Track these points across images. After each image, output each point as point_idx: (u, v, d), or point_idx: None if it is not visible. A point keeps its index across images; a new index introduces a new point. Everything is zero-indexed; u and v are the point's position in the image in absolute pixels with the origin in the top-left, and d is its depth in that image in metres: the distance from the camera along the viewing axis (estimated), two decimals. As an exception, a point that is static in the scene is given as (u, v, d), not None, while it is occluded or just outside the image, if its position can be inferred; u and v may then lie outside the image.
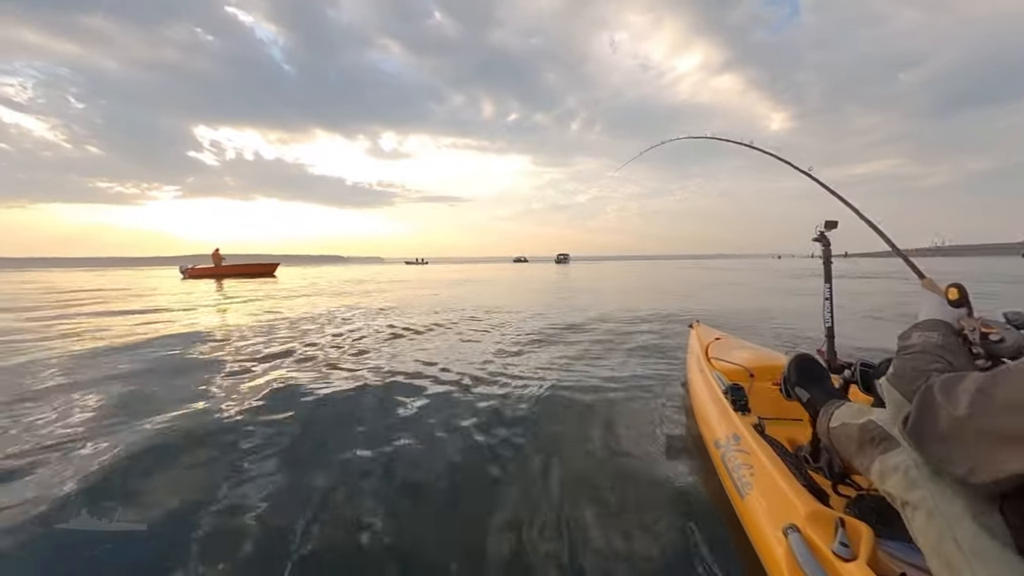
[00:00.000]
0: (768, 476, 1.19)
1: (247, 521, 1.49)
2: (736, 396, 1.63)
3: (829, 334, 1.86)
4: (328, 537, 1.41)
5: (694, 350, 2.58)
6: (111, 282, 18.58)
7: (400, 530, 1.45)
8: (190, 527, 1.46)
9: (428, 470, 1.84)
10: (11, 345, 4.61)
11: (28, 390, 3.00)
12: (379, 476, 1.79)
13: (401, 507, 1.58)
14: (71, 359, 3.93)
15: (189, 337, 4.96)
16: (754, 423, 1.48)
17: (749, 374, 2.03)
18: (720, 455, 1.47)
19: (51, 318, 6.87)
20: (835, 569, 0.83)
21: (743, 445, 1.38)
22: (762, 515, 1.10)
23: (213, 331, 5.41)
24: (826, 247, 1.86)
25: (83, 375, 3.38)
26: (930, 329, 0.95)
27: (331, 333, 5.15)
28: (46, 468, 1.86)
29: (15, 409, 2.62)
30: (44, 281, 20.18)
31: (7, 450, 2.04)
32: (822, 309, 1.85)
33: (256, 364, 3.64)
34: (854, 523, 0.91)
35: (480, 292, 11.45)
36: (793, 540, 0.92)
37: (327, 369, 3.45)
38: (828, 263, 1.82)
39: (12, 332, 5.49)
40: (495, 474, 1.81)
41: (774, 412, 1.79)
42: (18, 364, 3.76)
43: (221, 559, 1.32)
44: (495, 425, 2.28)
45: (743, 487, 1.23)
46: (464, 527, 1.47)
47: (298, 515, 1.51)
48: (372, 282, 17.09)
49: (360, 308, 7.85)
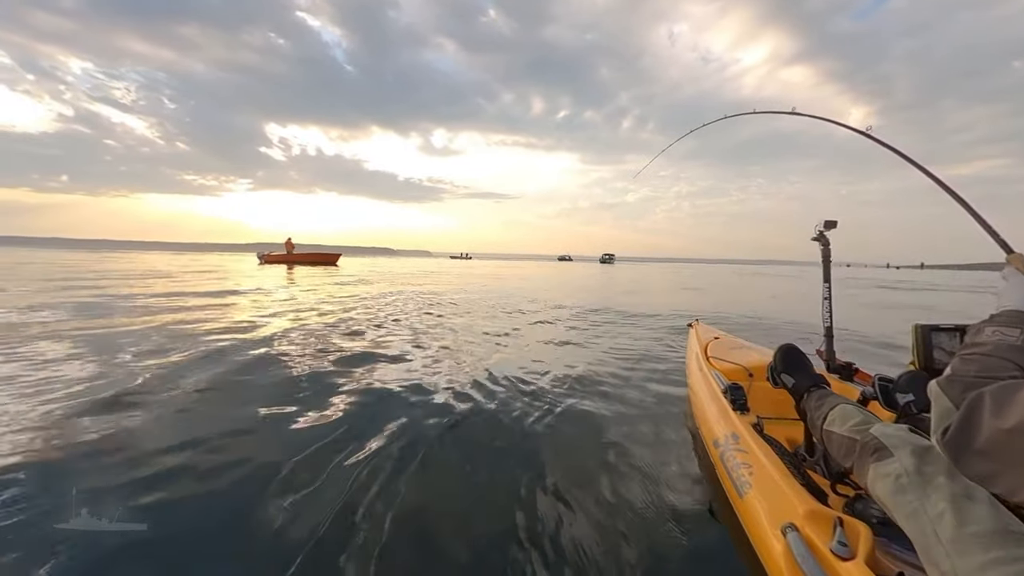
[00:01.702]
0: (767, 475, 1.19)
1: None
2: (735, 395, 1.63)
3: (828, 334, 1.86)
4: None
5: (693, 349, 2.58)
6: (210, 265, 20.26)
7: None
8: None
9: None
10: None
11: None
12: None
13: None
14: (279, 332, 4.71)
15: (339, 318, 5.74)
16: (753, 422, 1.48)
17: (748, 373, 2.03)
18: (719, 454, 1.47)
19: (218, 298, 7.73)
20: (833, 568, 0.83)
21: (742, 444, 1.38)
22: (761, 514, 1.11)
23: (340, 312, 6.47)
24: (825, 247, 1.86)
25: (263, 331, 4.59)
26: (1010, 324, 0.77)
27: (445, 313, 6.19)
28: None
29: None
30: (151, 263, 21.38)
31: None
32: (821, 309, 1.85)
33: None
34: (852, 522, 0.91)
35: (538, 286, 11.92)
36: (792, 539, 0.92)
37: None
38: (827, 262, 1.83)
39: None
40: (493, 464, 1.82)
41: (773, 411, 1.79)
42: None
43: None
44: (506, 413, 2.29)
45: (742, 486, 1.24)
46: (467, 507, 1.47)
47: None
48: (441, 274, 18.17)
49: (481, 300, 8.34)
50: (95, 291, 7.82)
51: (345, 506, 1.51)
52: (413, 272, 20.03)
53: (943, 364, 1.23)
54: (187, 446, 1.92)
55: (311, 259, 26.50)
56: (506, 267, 28.73)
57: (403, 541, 1.37)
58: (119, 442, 1.94)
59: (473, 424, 2.29)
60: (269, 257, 25.90)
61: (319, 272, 17.11)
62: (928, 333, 1.33)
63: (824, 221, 1.85)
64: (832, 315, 1.89)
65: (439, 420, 2.30)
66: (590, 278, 17.18)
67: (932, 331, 1.33)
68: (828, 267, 1.83)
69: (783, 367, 1.51)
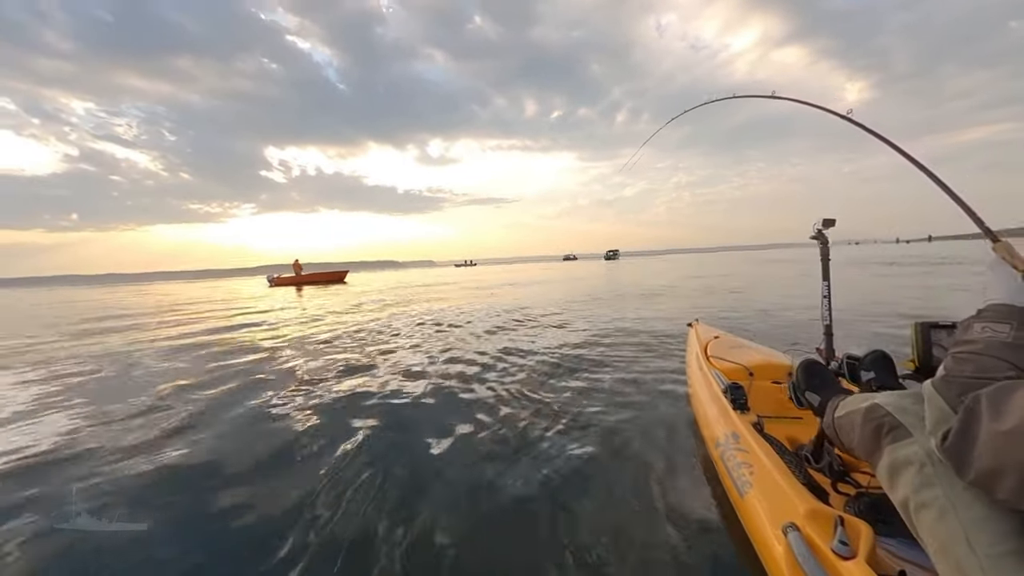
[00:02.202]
0: (767, 475, 1.18)
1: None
2: (735, 395, 1.62)
3: (827, 332, 1.85)
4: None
5: (693, 349, 2.58)
6: (221, 293, 20.03)
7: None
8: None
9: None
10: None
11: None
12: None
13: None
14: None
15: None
16: (753, 422, 1.47)
17: (748, 373, 2.03)
18: (719, 454, 1.47)
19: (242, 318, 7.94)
20: (834, 567, 0.83)
21: (742, 444, 1.38)
22: (761, 514, 1.10)
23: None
24: (824, 245, 1.86)
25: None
26: (998, 320, 0.73)
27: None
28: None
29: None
30: (172, 292, 22.35)
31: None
32: (820, 307, 1.85)
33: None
34: (853, 521, 0.91)
35: (547, 292, 11.44)
36: (792, 538, 0.92)
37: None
38: (826, 261, 1.82)
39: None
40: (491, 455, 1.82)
41: (773, 411, 1.79)
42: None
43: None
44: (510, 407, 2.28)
45: (742, 486, 1.23)
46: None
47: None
48: (448, 285, 17.37)
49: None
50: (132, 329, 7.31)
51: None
52: (417, 284, 19.30)
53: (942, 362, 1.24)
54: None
55: (319, 279, 26.70)
56: (509, 272, 28.17)
57: (417, 548, 1.37)
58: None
59: (477, 423, 2.29)
60: (279, 280, 26.19)
61: (330, 292, 16.40)
62: (927, 331, 1.33)
63: (822, 219, 1.84)
64: (831, 313, 1.89)
65: (439, 421, 2.29)
66: (597, 278, 16.38)
67: (931, 328, 1.33)
68: (827, 266, 1.82)
69: (807, 385, 1.39)
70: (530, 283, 15.45)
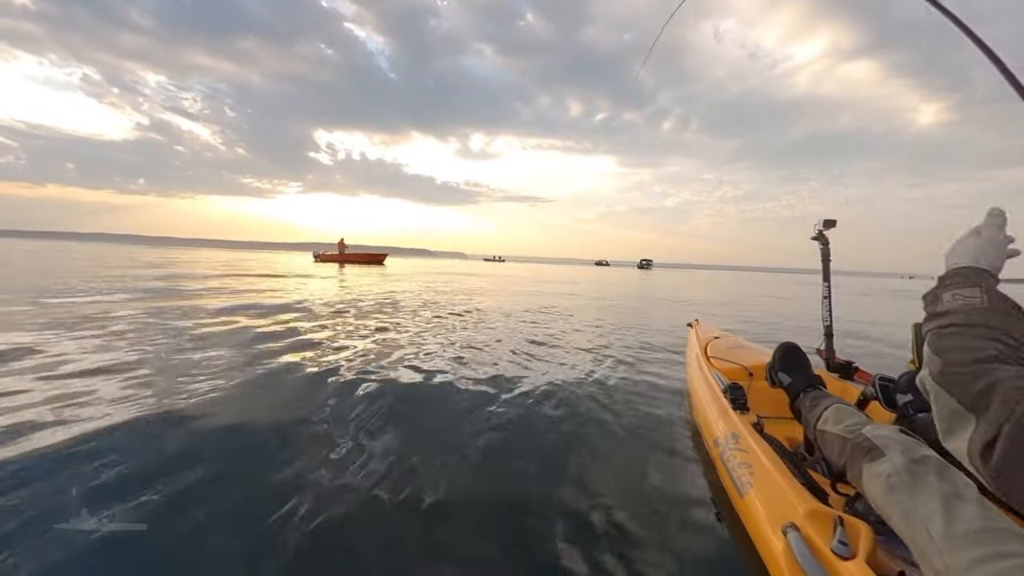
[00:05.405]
0: (767, 475, 1.19)
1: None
2: (735, 395, 1.63)
3: (827, 332, 1.86)
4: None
5: (693, 349, 2.58)
6: (277, 262, 22.04)
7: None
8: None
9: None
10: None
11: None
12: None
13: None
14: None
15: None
16: (753, 422, 1.48)
17: (748, 373, 2.04)
18: (719, 454, 1.47)
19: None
20: (834, 567, 0.83)
21: (742, 444, 1.38)
22: (761, 514, 1.11)
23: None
24: (824, 246, 1.86)
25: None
26: (967, 284, 0.69)
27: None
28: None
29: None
30: (235, 259, 23.55)
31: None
32: (821, 308, 1.85)
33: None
34: (853, 521, 0.91)
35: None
36: (792, 538, 0.92)
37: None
38: (826, 262, 1.83)
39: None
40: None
41: (773, 411, 1.79)
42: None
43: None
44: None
45: (742, 486, 1.24)
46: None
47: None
48: (491, 276, 18.12)
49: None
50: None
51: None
52: (450, 273, 19.59)
53: None
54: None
55: (361, 259, 28.26)
56: (539, 272, 27.77)
57: (415, 528, 1.37)
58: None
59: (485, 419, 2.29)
60: (324, 256, 27.83)
61: (373, 272, 17.27)
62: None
63: (823, 220, 1.85)
64: (831, 314, 1.89)
65: (439, 417, 2.29)
66: (632, 295, 12.15)
67: None
68: (827, 267, 1.83)
69: (781, 365, 1.53)
70: (568, 282, 15.62)
